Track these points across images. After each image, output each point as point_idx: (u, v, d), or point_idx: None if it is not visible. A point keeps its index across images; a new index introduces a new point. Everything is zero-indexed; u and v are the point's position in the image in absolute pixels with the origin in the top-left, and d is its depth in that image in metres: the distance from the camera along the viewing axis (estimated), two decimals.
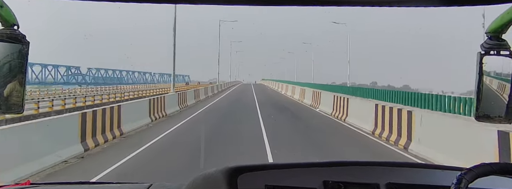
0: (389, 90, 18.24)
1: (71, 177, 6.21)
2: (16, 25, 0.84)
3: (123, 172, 6.53)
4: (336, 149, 9.33)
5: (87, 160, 7.55)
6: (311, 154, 8.13)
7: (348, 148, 9.48)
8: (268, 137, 10.04)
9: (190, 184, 0.99)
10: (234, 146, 9.00)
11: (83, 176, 6.13)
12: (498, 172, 0.83)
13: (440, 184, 0.97)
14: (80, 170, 6.73)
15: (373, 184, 0.97)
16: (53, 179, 6.01)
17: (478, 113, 0.96)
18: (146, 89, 43.14)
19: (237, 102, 26.61)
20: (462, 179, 0.81)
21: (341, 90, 24.57)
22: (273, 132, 11.06)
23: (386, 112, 10.74)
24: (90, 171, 6.53)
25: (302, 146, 9.26)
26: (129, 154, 7.87)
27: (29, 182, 1.20)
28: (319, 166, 1.01)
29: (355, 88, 25.00)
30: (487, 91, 0.96)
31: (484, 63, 0.95)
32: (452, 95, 12.57)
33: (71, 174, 6.43)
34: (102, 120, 9.19)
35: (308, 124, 14.54)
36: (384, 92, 18.13)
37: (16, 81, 0.84)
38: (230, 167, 0.93)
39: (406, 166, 1.09)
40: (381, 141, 10.22)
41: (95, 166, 6.90)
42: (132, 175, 6.24)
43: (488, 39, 0.95)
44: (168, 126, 12.41)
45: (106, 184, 1.25)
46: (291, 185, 0.93)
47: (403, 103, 14.42)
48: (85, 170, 6.75)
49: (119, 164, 7.09)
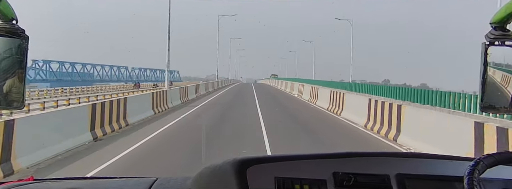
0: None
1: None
2: (15, 20, 0.82)
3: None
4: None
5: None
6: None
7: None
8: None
9: (197, 176, 0.99)
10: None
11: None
12: (510, 161, 0.85)
13: (451, 174, 0.97)
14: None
15: (383, 175, 0.97)
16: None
17: (483, 103, 0.97)
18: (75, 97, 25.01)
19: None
20: (479, 163, 0.82)
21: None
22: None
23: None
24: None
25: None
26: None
27: (33, 178, 1.18)
28: (328, 157, 1.01)
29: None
30: (492, 82, 0.96)
31: (488, 53, 0.94)
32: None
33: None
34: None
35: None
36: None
37: (16, 77, 0.82)
38: (239, 159, 0.93)
39: (415, 156, 1.10)
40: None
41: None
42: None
43: (492, 29, 0.94)
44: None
45: (110, 179, 1.24)
46: (301, 177, 0.93)
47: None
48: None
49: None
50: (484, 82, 0.95)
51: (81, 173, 5.78)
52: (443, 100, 11.75)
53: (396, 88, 16.96)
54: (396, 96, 15.65)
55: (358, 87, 22.24)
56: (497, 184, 0.96)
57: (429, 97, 13.00)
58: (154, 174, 1.20)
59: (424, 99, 13.28)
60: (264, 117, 13.35)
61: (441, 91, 12.68)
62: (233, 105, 20.32)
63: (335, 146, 8.94)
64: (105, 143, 8.73)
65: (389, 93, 16.84)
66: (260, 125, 11.66)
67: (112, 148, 8.12)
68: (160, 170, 6.30)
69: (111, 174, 1.45)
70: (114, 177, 1.26)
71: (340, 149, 4.28)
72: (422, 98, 13.50)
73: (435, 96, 12.57)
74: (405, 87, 16.56)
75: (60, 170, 6.31)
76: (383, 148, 8.67)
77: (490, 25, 0.94)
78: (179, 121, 12.68)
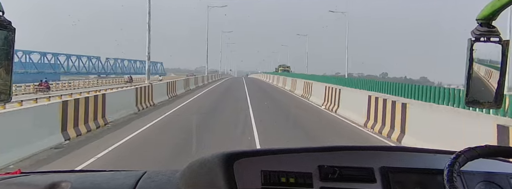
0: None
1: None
2: (1, 11, 0.81)
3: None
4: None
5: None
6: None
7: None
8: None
9: (186, 170, 1.00)
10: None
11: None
12: (491, 155, 0.91)
13: (434, 167, 1.00)
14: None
15: (367, 168, 0.98)
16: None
17: (468, 98, 0.99)
18: None
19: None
20: (460, 156, 0.86)
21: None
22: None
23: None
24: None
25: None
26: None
27: (20, 171, 1.20)
28: (314, 151, 1.03)
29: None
30: (477, 77, 0.98)
31: (474, 49, 0.96)
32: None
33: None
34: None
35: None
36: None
37: (3, 69, 0.82)
38: (226, 153, 0.94)
39: (399, 150, 1.12)
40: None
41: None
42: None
43: (478, 25, 0.96)
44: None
45: (99, 172, 1.21)
46: (287, 170, 0.94)
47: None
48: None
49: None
50: (469, 77, 0.98)
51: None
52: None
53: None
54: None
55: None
56: (478, 176, 0.99)
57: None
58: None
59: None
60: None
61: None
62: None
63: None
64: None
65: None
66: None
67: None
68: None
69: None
70: (103, 170, 1.23)
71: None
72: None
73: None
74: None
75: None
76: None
77: (476, 22, 0.97)
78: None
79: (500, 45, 0.96)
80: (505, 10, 0.93)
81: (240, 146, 8.65)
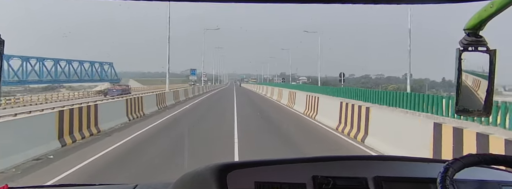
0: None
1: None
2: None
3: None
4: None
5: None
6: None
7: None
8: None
9: (178, 183, 0.98)
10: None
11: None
12: (484, 162, 0.88)
13: (426, 176, 1.00)
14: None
15: (361, 178, 0.99)
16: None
17: (457, 107, 1.00)
18: None
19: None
20: (448, 169, 0.84)
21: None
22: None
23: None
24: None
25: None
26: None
27: (7, 186, 1.14)
28: (307, 161, 1.02)
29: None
30: (466, 86, 0.99)
31: (462, 59, 0.97)
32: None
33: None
34: None
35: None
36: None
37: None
38: (219, 164, 0.93)
39: (392, 159, 1.12)
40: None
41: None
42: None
43: (466, 35, 0.97)
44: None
45: (89, 186, 1.20)
46: (281, 181, 0.93)
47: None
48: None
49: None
50: (458, 86, 0.98)
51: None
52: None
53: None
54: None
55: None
56: (471, 184, 1.00)
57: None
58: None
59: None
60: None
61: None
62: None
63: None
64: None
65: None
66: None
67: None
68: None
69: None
70: (93, 184, 1.20)
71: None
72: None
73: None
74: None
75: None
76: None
77: (464, 32, 0.98)
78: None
79: (488, 54, 0.97)
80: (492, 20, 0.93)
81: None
